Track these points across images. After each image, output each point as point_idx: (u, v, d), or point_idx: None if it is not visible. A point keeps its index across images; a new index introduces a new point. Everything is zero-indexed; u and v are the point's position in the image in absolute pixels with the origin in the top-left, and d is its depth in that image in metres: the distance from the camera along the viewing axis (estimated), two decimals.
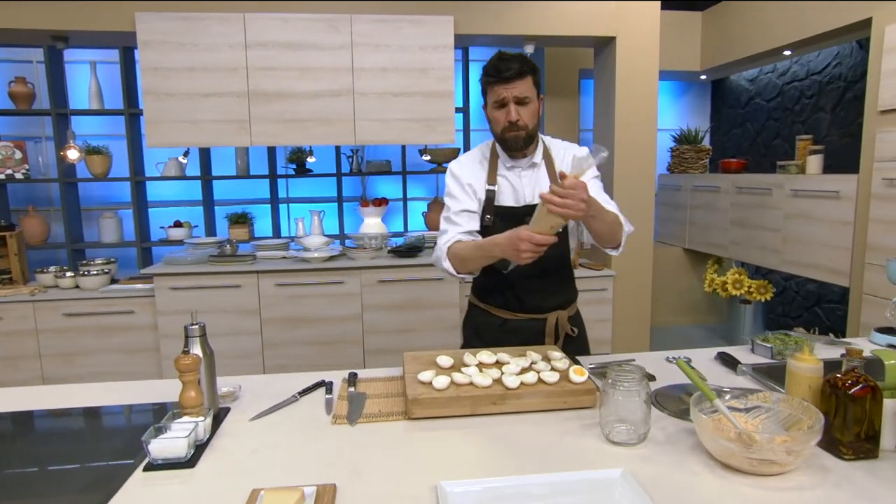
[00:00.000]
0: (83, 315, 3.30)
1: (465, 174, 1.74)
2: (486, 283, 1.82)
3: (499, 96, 1.61)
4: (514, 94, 1.60)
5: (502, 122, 1.64)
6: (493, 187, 1.71)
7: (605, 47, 3.82)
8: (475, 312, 1.87)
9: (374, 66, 3.42)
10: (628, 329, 3.87)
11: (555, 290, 1.81)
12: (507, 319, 1.79)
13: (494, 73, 1.60)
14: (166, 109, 3.27)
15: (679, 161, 4.96)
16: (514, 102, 1.61)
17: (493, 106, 1.65)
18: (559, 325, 1.80)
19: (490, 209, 1.71)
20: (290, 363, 3.47)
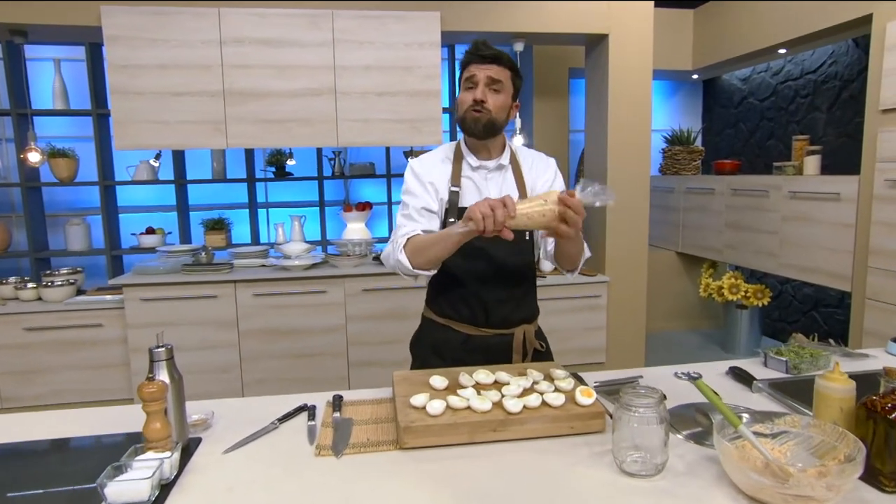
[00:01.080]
0: (45, 329, 3.14)
1: (428, 172, 1.66)
2: (447, 295, 1.71)
3: (470, 74, 1.56)
4: (488, 74, 1.54)
5: (468, 102, 1.56)
6: (457, 188, 1.63)
7: (597, 45, 3.75)
8: (432, 329, 1.74)
9: (357, 64, 3.31)
10: (623, 337, 3.79)
11: (522, 302, 1.72)
12: (472, 335, 1.68)
13: (473, 49, 1.56)
14: (135, 109, 3.13)
15: (671, 162, 4.91)
16: (484, 83, 1.55)
17: (463, 87, 1.58)
18: (527, 341, 1.72)
19: (454, 211, 1.62)
20: (270, 377, 3.34)
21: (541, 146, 4.62)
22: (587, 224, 4.52)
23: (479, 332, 1.68)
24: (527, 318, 1.73)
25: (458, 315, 1.68)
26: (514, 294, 1.69)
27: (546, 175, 1.73)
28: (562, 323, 3.64)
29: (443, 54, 4.41)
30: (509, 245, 1.60)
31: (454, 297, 1.68)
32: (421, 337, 1.79)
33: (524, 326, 1.71)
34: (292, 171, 4.41)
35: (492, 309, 1.67)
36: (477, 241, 1.63)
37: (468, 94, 1.56)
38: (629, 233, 3.73)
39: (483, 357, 1.65)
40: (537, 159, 1.75)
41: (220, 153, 4.23)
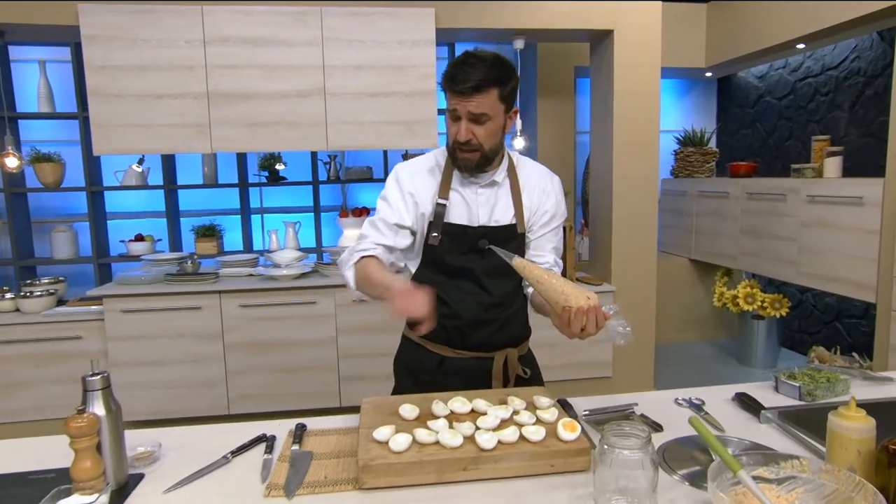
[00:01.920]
0: (22, 342, 3.07)
1: (411, 181, 1.55)
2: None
3: (450, 106, 1.44)
4: (469, 109, 1.41)
5: (454, 136, 1.46)
6: (444, 201, 1.52)
7: (601, 42, 3.63)
8: (408, 348, 1.65)
9: (348, 64, 3.22)
10: (630, 349, 3.66)
11: (507, 324, 1.60)
12: (446, 357, 1.57)
13: (450, 82, 1.42)
14: (115, 112, 3.06)
15: (683, 165, 4.77)
16: (467, 119, 1.42)
17: (449, 114, 1.47)
18: (509, 366, 1.60)
19: (438, 226, 1.52)
20: (257, 392, 3.25)
21: (545, 149, 4.51)
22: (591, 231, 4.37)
23: (455, 354, 1.57)
24: (511, 341, 1.62)
25: (434, 335, 1.56)
26: (496, 316, 1.57)
27: (546, 204, 1.59)
28: None
29: (441, 53, 4.31)
30: (496, 267, 1.51)
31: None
32: (399, 355, 1.69)
33: (507, 350, 1.60)
34: (286, 175, 4.33)
35: (469, 330, 1.56)
36: (457, 258, 1.52)
37: (453, 126, 1.46)
38: (637, 239, 3.60)
39: (460, 381, 1.54)
40: (540, 178, 1.61)
41: (210, 157, 4.16)
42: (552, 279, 1.31)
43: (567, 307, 1.27)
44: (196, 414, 3.22)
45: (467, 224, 1.53)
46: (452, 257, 1.52)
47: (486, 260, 1.52)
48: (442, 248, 1.52)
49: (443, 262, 1.53)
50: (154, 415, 3.19)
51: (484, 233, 1.52)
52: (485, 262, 1.53)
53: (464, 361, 1.57)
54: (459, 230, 1.52)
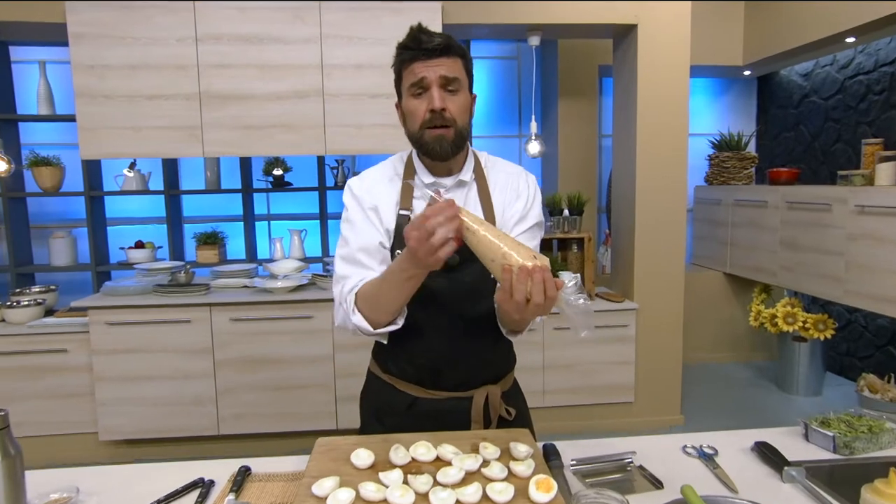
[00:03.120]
0: (5, 354, 3.02)
1: (370, 195, 1.37)
2: (389, 347, 1.41)
3: (417, 76, 1.25)
4: (441, 72, 1.25)
5: (421, 114, 1.27)
6: (406, 212, 1.34)
7: (624, 38, 3.43)
8: (375, 386, 1.47)
9: (347, 63, 3.10)
10: (655, 372, 3.43)
11: (486, 358, 1.43)
12: (418, 399, 1.40)
13: (413, 43, 1.25)
14: (103, 114, 2.99)
15: (719, 171, 4.52)
16: (437, 85, 1.25)
17: (410, 92, 1.28)
18: (490, 406, 1.41)
19: (401, 242, 1.29)
20: (249, 412, 3.13)
21: (567, 153, 4.32)
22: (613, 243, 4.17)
23: (427, 394, 1.40)
24: (492, 377, 1.44)
25: (402, 374, 1.40)
26: (474, 350, 1.39)
27: (517, 204, 1.42)
28: (584, 356, 3.32)
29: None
30: (471, 287, 1.34)
31: (396, 351, 1.40)
32: (365, 393, 1.52)
33: (488, 388, 1.41)
34: (292, 180, 4.24)
35: (443, 369, 1.38)
36: (428, 280, 1.34)
37: (419, 102, 1.27)
38: (663, 252, 3.38)
39: (434, 425, 1.35)
40: (511, 178, 1.44)
41: (213, 161, 4.09)
42: (488, 230, 1.05)
43: (507, 265, 1.02)
44: (184, 434, 3.12)
45: None
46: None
47: (457, 278, 1.35)
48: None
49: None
50: (140, 433, 3.10)
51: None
52: (456, 280, 1.35)
53: (438, 403, 1.39)
54: None
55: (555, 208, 3.51)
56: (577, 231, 3.47)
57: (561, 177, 4.33)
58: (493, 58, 4.62)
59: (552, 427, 3.39)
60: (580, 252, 3.45)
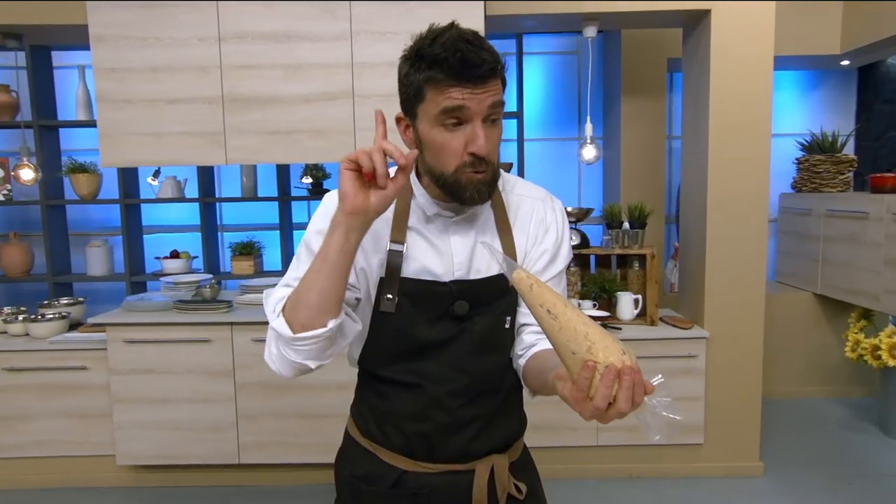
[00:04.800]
0: (25, 370, 2.99)
1: None
2: (372, 409, 1.19)
3: (455, 103, 0.99)
4: (488, 102, 1.00)
5: (458, 154, 1.02)
6: (399, 247, 1.11)
7: (696, 26, 3.09)
8: (353, 452, 1.23)
9: (380, 61, 2.91)
10: (728, 412, 3.06)
11: (493, 422, 1.19)
12: (407, 472, 1.17)
13: (462, 66, 0.97)
14: (123, 120, 2.91)
15: (809, 176, 4.06)
16: (481, 119, 1.01)
17: (439, 121, 1.01)
18: (496, 482, 1.18)
19: (393, 283, 1.11)
20: (271, 440, 2.99)
21: (630, 157, 3.99)
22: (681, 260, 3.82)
23: (419, 467, 1.16)
24: (499, 445, 1.20)
25: (387, 441, 1.17)
26: (478, 411, 1.16)
27: (546, 241, 1.18)
28: None
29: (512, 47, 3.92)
30: (480, 339, 1.12)
31: (381, 411, 1.18)
32: (341, 459, 1.28)
33: (493, 459, 1.18)
34: (331, 187, 4.11)
35: (440, 436, 1.15)
36: (423, 330, 1.10)
37: (452, 137, 1.02)
38: (739, 270, 3.01)
39: None
40: (536, 205, 1.20)
41: (249, 168, 4.01)
42: (572, 313, 0.86)
43: (591, 362, 0.81)
44: (204, 461, 3.00)
45: (435, 279, 1.12)
46: (416, 328, 1.12)
47: (465, 328, 1.12)
48: (400, 317, 1.11)
49: (403, 335, 1.12)
50: (159, 459, 3.00)
51: (460, 290, 1.12)
52: (464, 331, 1.13)
53: (431, 478, 1.16)
54: (424, 288, 1.11)
55: (613, 221, 3.20)
56: (639, 246, 3.15)
57: (624, 184, 4.00)
58: (550, 53, 4.34)
59: (606, 470, 3.08)
60: (642, 270, 3.13)
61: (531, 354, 1.14)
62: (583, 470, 3.09)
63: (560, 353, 0.86)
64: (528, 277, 0.88)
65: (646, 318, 3.09)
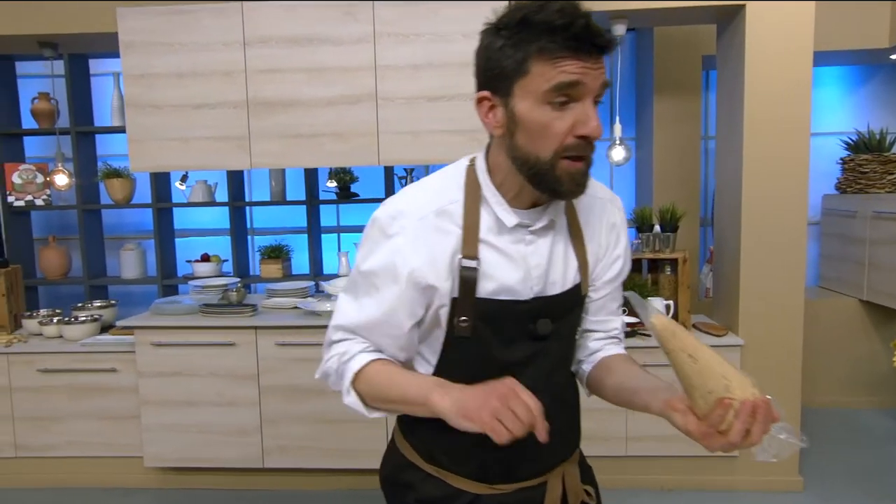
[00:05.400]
0: (58, 372, 3.06)
1: (410, 249, 1.00)
2: (439, 436, 1.06)
3: (570, 77, 0.89)
4: (601, 82, 0.93)
5: (561, 136, 0.92)
6: (472, 263, 1.00)
7: (730, 22, 2.98)
8: (412, 476, 1.14)
9: (403, 63, 2.88)
10: None
11: (565, 429, 1.14)
12: (480, 496, 1.10)
13: (583, 36, 0.88)
14: (151, 125, 2.96)
15: (855, 177, 3.89)
16: (593, 98, 0.93)
17: (545, 98, 0.91)
18: (567, 491, 1.13)
19: (468, 304, 1.01)
20: (294, 445, 2.99)
21: (663, 159, 3.88)
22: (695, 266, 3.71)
23: (492, 490, 1.10)
24: (568, 452, 1.16)
25: (459, 468, 1.10)
26: (555, 428, 1.05)
27: (618, 247, 1.14)
28: None
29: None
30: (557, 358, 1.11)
31: (455, 444, 1.07)
32: (394, 478, 1.19)
33: (563, 468, 1.14)
34: (359, 190, 4.12)
35: (519, 458, 1.08)
36: (502, 351, 1.04)
37: (558, 116, 0.92)
38: (776, 275, 2.89)
39: None
40: (603, 204, 1.13)
41: (279, 172, 4.04)
42: (709, 355, 0.87)
43: (727, 400, 0.83)
44: (228, 465, 3.02)
45: (514, 297, 1.03)
46: (493, 351, 1.03)
47: (544, 348, 1.07)
48: (478, 340, 1.02)
49: (480, 359, 1.04)
50: (186, 462, 3.03)
51: (542, 307, 1.04)
52: (543, 351, 1.07)
53: (505, 497, 1.10)
54: (502, 308, 1.02)
55: (644, 224, 3.11)
56: (671, 250, 3.05)
57: (657, 186, 3.89)
58: None
59: (637, 481, 3.00)
60: (673, 274, 3.04)
61: (597, 361, 1.16)
62: (613, 480, 2.99)
63: (694, 392, 0.87)
64: (669, 323, 0.89)
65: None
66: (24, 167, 3.98)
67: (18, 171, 3.93)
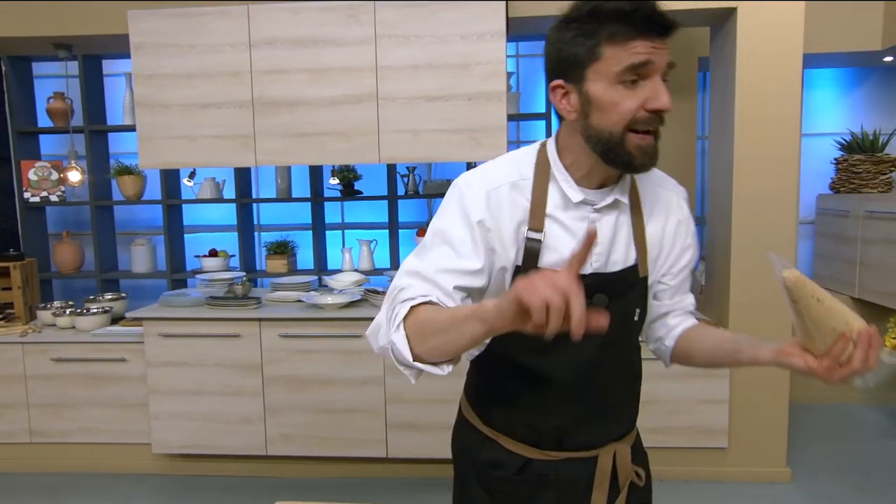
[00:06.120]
0: (70, 361, 3.14)
1: (485, 206, 1.06)
2: (498, 402, 1.20)
3: (640, 58, 0.96)
4: (667, 60, 1.00)
5: (631, 111, 0.99)
6: (537, 235, 1.07)
7: (723, 25, 3.02)
8: (472, 438, 1.22)
9: (403, 64, 2.94)
10: (754, 416, 2.98)
11: (621, 406, 1.21)
12: (532, 460, 1.17)
13: (650, 19, 0.96)
14: (160, 124, 3.03)
15: (848, 177, 3.91)
16: (662, 75, 1.00)
17: (617, 78, 0.98)
18: (618, 468, 1.18)
19: (530, 269, 1.07)
20: (297, 433, 3.06)
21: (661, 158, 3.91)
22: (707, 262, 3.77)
23: (544, 455, 1.17)
24: (622, 432, 1.21)
25: (514, 433, 1.18)
26: (609, 405, 1.17)
27: (688, 237, 1.19)
28: (669, 392, 2.93)
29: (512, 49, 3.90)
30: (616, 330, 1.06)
31: (509, 408, 1.17)
32: (460, 446, 1.28)
33: (615, 446, 1.19)
34: (363, 188, 4.17)
35: (571, 428, 1.15)
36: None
37: (629, 93, 0.98)
38: (766, 272, 2.92)
39: (552, 496, 1.16)
40: (667, 193, 1.18)
41: (284, 169, 4.10)
42: (832, 297, 0.95)
43: (847, 333, 0.92)
44: (233, 452, 3.09)
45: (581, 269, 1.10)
46: None
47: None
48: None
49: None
50: (190, 448, 3.11)
51: (599, 283, 1.09)
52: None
53: (555, 465, 1.17)
54: None
55: None
56: None
57: None
58: None
59: None
60: None
61: (680, 334, 1.22)
62: None
63: (819, 332, 0.94)
64: (800, 274, 0.95)
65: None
66: (40, 164, 4.06)
67: (34, 168, 4.01)
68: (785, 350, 0.98)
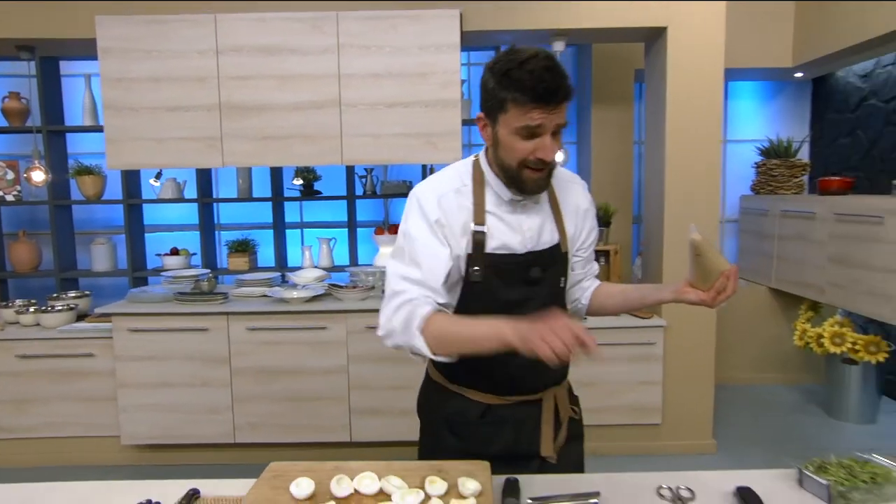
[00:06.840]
0: (38, 357, 3.15)
1: (439, 209, 1.33)
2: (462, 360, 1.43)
3: (534, 122, 1.21)
4: (557, 121, 1.23)
5: (524, 157, 1.26)
6: (481, 228, 1.34)
7: (655, 41, 3.29)
8: (441, 396, 1.46)
9: (365, 72, 3.09)
10: (684, 395, 3.26)
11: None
12: (491, 406, 1.41)
13: (544, 95, 1.19)
14: (128, 126, 3.09)
15: (766, 179, 4.28)
16: (551, 134, 1.24)
17: (517, 132, 1.24)
18: (559, 407, 1.46)
19: (479, 258, 1.33)
20: (264, 422, 3.16)
21: (600, 161, 4.19)
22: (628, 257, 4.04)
23: (501, 400, 1.41)
24: (558, 377, 1.46)
25: (474, 384, 1.42)
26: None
27: (590, 219, 1.50)
28: (608, 374, 3.19)
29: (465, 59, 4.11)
30: (548, 295, 1.41)
31: (471, 363, 1.36)
32: (428, 403, 1.53)
33: (553, 390, 1.46)
34: (322, 189, 4.28)
35: (520, 376, 1.39)
36: (506, 292, 1.36)
37: (527, 144, 1.24)
38: None
39: (510, 431, 1.41)
40: (570, 185, 1.47)
41: (245, 170, 4.17)
42: (716, 249, 1.31)
43: (726, 272, 1.27)
44: (201, 441, 3.17)
45: (512, 251, 1.35)
46: (498, 292, 1.35)
47: (536, 290, 1.38)
48: (486, 284, 1.34)
49: (488, 299, 1.35)
50: (159, 439, 3.18)
51: (533, 259, 1.37)
52: (535, 292, 1.38)
53: (510, 408, 1.41)
54: (505, 260, 1.35)
55: None
56: (604, 243, 3.35)
57: (595, 186, 4.19)
58: None
59: None
60: (606, 265, 3.33)
61: (591, 293, 1.53)
62: None
63: (709, 275, 1.28)
64: (704, 237, 1.30)
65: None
66: None
67: None
68: (681, 290, 1.34)
